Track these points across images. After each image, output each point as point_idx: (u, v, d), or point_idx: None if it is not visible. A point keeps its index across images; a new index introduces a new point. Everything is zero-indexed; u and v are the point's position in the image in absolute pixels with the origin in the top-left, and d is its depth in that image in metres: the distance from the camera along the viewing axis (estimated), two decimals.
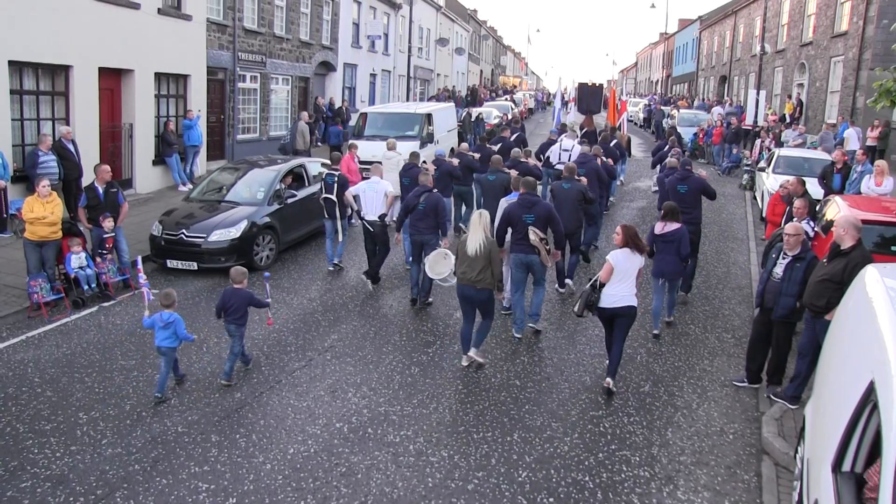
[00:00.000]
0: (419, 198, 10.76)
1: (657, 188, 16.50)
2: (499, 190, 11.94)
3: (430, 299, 11.19)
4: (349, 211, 13.00)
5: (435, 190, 11.11)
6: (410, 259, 11.48)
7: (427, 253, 10.41)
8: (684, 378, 8.80)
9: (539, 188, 11.73)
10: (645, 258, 8.49)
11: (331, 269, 12.87)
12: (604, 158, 15.28)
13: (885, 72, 12.97)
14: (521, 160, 14.19)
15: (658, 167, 18.10)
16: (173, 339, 7.92)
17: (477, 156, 15.57)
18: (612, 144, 18.61)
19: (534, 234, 9.37)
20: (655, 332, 10.12)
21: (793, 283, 7.98)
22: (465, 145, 16.88)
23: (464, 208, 15.14)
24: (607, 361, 8.46)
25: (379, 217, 11.68)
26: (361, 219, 12.02)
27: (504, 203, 10.55)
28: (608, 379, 8.26)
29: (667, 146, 19.33)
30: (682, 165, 13.06)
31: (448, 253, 10.06)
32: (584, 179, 12.53)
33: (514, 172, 12.41)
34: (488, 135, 20.40)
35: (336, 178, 12.76)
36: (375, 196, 11.77)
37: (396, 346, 9.51)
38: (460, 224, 14.93)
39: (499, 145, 17.32)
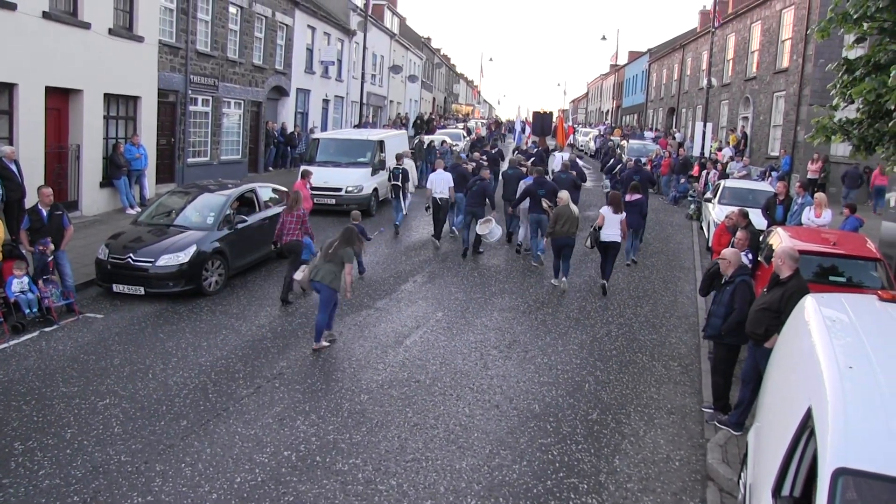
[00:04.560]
0: (475, 184, 16.36)
1: (609, 188, 22.46)
2: (515, 179, 17.52)
3: (482, 250, 16.65)
4: (409, 195, 19.83)
5: (486, 179, 16.62)
6: (460, 227, 17.53)
7: (478, 220, 16.11)
8: (632, 406, 8.92)
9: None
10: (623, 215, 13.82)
11: (397, 225, 18.63)
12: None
13: (823, 109, 13.43)
14: (520, 164, 19.56)
15: (609, 175, 24.64)
16: (307, 253, 12.47)
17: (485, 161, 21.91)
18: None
19: (545, 202, 14.92)
20: (627, 262, 15.99)
21: (720, 305, 8.43)
22: (476, 154, 23.58)
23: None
24: (601, 278, 13.91)
25: (444, 198, 17.11)
26: (433, 198, 17.17)
27: (522, 184, 16.46)
28: (603, 282, 13.86)
29: (613, 160, 25.83)
30: (635, 164, 21.58)
31: (491, 219, 15.94)
32: (574, 172, 18.69)
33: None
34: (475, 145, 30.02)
35: (401, 171, 18.76)
36: (442, 182, 17.14)
37: (345, 372, 9.45)
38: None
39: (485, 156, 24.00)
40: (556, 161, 23.01)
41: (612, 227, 13.55)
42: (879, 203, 21.95)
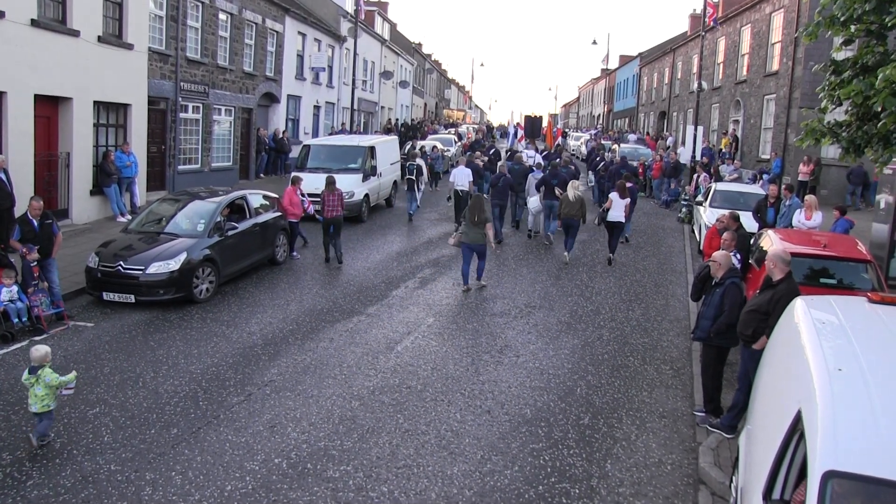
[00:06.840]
0: (499, 180, 18.94)
1: (594, 183, 26.44)
2: (521, 174, 20.48)
3: (502, 239, 18.62)
4: (422, 187, 23.13)
5: (508, 174, 19.27)
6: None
7: (503, 211, 18.84)
8: (623, 410, 8.91)
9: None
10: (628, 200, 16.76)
11: (410, 214, 21.80)
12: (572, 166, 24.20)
13: (812, 112, 13.48)
14: (522, 163, 22.48)
15: (594, 173, 26.81)
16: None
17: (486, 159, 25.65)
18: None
19: (558, 190, 17.58)
20: (626, 236, 18.91)
21: (710, 307, 8.47)
22: (478, 153, 26.44)
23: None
24: (608, 251, 16.82)
25: (465, 190, 19.79)
26: (455, 189, 20.03)
27: (531, 177, 20.03)
28: (610, 255, 16.71)
29: (598, 157, 27.70)
30: (622, 160, 24.27)
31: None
32: (573, 167, 21.93)
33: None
34: (473, 148, 33.15)
35: (416, 167, 21.71)
36: (463, 176, 19.99)
37: (337, 379, 9.42)
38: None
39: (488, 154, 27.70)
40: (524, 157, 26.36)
41: (617, 209, 16.54)
42: (873, 199, 22.15)
